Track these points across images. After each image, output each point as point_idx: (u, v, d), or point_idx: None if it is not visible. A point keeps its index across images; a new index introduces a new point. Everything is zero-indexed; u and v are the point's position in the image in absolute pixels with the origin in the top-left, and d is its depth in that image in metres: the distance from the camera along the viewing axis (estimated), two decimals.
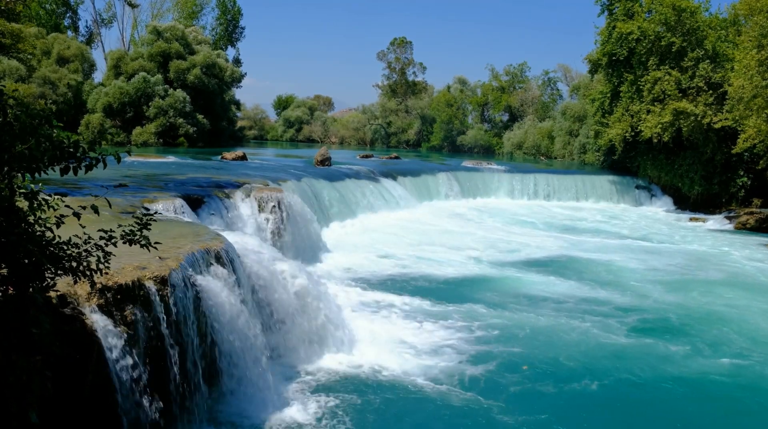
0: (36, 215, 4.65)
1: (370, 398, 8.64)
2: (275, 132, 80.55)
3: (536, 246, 20.44)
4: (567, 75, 65.16)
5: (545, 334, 11.64)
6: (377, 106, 75.21)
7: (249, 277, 9.33)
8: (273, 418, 7.91)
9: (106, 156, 4.78)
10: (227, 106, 53.99)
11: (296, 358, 9.63)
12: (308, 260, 15.30)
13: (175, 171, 21.02)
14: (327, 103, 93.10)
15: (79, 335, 5.81)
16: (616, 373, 9.88)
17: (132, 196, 13.01)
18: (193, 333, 7.41)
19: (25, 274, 4.52)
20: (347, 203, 23.20)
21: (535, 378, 9.60)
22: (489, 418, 8.22)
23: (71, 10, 61.98)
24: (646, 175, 34.79)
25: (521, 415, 8.31)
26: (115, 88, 45.05)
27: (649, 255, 19.83)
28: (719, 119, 28.86)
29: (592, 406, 8.86)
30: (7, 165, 4.48)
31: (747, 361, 10.63)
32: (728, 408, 9.08)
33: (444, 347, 10.65)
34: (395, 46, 75.81)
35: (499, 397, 8.79)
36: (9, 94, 4.57)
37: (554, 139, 53.25)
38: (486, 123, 68.51)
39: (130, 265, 6.92)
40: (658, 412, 8.77)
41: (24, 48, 37.82)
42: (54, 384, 4.69)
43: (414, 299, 13.43)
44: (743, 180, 31.05)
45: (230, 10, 68.39)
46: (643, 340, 11.42)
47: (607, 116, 35.25)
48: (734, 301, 14.53)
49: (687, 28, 31.31)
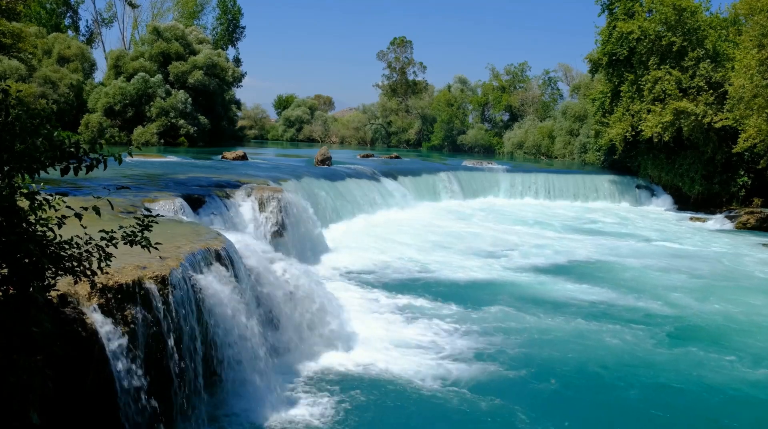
0: (37, 215, 4.65)
1: (371, 398, 8.64)
2: (276, 132, 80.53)
3: (539, 245, 20.45)
4: (567, 74, 65.20)
5: (551, 336, 11.63)
6: (378, 105, 75.18)
7: (249, 276, 9.34)
8: (273, 417, 7.91)
9: (106, 156, 4.78)
10: (228, 105, 54.01)
11: (296, 357, 9.63)
12: (309, 260, 15.31)
13: (175, 171, 21.01)
14: (327, 102, 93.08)
15: (79, 335, 5.82)
16: (646, 380, 9.69)
17: (133, 196, 13.01)
18: (194, 332, 7.41)
19: (26, 274, 4.52)
20: (348, 203, 23.19)
21: (539, 379, 9.59)
22: (504, 424, 8.13)
23: (72, 9, 62.00)
24: (646, 174, 34.78)
25: (535, 420, 8.24)
26: (115, 88, 45.03)
27: (664, 257, 19.69)
28: (720, 119, 28.85)
29: (621, 415, 8.67)
30: (7, 164, 4.48)
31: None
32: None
33: (446, 348, 10.64)
34: (395, 45, 75.76)
35: (512, 402, 8.66)
36: (13, 94, 4.57)
37: (555, 138, 53.24)
38: (486, 123, 68.50)
39: (131, 265, 6.92)
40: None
41: (24, 48, 37.79)
42: (55, 384, 4.69)
43: (415, 299, 13.42)
44: (744, 179, 31.04)
45: (231, 9, 68.35)
46: (677, 347, 11.23)
47: (607, 116, 35.25)
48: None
49: (687, 27, 31.30)
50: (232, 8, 68.40)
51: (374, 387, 8.98)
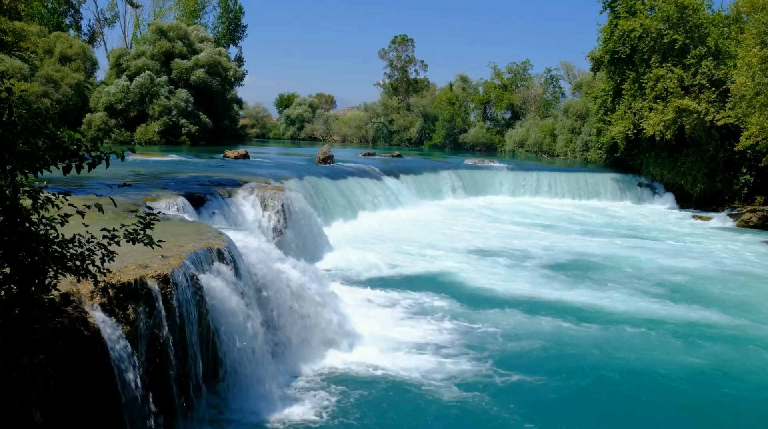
0: (39, 214, 4.66)
1: (372, 397, 8.64)
2: (277, 130, 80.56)
3: (540, 244, 20.44)
4: (569, 73, 65.01)
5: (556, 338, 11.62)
6: (379, 104, 75.15)
7: (251, 275, 9.34)
8: (275, 416, 7.92)
9: (108, 154, 4.79)
10: (229, 104, 54.00)
11: (298, 356, 9.63)
12: (310, 258, 15.30)
13: (177, 169, 21.03)
14: (329, 101, 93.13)
15: (81, 334, 5.83)
16: (663, 384, 9.62)
17: (134, 195, 13.02)
18: (195, 331, 7.42)
19: (29, 273, 4.54)
20: (349, 201, 23.20)
21: (547, 381, 9.56)
22: (504, 424, 8.11)
23: (73, 9, 62.00)
24: (648, 172, 34.73)
25: (536, 421, 8.24)
26: (118, 87, 45.08)
27: (665, 255, 19.64)
28: (722, 117, 28.78)
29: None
30: (9, 164, 4.49)
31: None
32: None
33: (447, 347, 10.65)
34: (397, 44, 75.69)
35: (512, 402, 8.63)
36: (17, 93, 4.57)
37: (556, 136, 53.16)
38: (488, 121, 68.45)
39: (133, 264, 6.94)
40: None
41: (26, 46, 37.87)
42: (57, 382, 4.71)
43: (418, 298, 13.43)
44: (746, 178, 30.97)
45: (232, 8, 68.30)
46: (677, 346, 11.23)
47: (609, 114, 35.21)
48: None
49: (689, 25, 31.22)
50: (233, 7, 68.36)
51: (375, 386, 8.98)
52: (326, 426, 7.83)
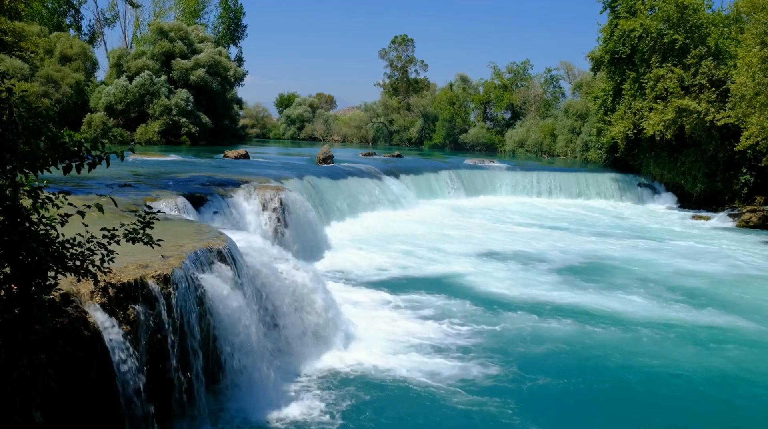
0: (39, 214, 4.66)
1: (372, 397, 8.63)
2: (277, 130, 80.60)
3: (541, 244, 20.43)
4: (569, 73, 65.04)
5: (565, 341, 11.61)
6: (379, 104, 75.18)
7: (251, 275, 9.34)
8: (274, 416, 7.92)
9: (108, 154, 4.79)
10: (229, 104, 54.03)
11: (298, 355, 9.63)
12: (310, 258, 15.31)
13: (177, 169, 21.04)
14: (329, 101, 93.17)
15: (82, 333, 5.83)
16: (674, 387, 9.53)
17: (134, 195, 13.03)
18: (195, 331, 7.42)
19: (29, 273, 4.54)
20: (349, 201, 23.21)
21: (547, 381, 9.55)
22: (504, 424, 8.07)
23: (74, 9, 62.02)
24: (648, 172, 34.74)
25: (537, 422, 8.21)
26: (118, 87, 45.10)
27: (666, 255, 19.61)
28: (722, 117, 28.79)
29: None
30: (10, 164, 4.49)
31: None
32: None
33: (447, 347, 10.64)
34: (397, 44, 75.75)
35: (513, 403, 8.57)
36: (18, 93, 4.57)
37: (556, 136, 53.19)
38: (488, 121, 68.48)
39: (133, 264, 6.94)
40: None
41: (26, 46, 37.87)
42: (57, 382, 4.71)
43: (418, 298, 13.41)
44: (746, 178, 30.97)
45: (232, 8, 68.33)
46: (677, 345, 11.20)
47: (609, 114, 35.22)
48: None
49: (690, 25, 31.22)
50: (233, 7, 68.40)
51: (375, 386, 8.98)
52: (326, 426, 7.83)
